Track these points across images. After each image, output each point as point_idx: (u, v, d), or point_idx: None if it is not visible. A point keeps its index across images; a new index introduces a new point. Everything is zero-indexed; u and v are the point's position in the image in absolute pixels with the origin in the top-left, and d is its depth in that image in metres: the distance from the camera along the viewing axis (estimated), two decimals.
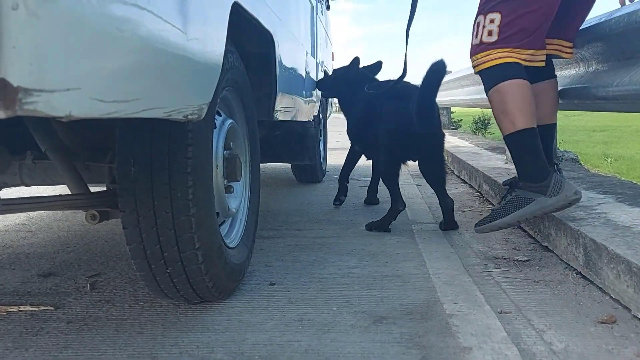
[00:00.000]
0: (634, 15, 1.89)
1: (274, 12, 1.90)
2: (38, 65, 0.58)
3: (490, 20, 1.90)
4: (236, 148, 1.71)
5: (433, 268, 1.83)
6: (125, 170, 1.26)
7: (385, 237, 2.28)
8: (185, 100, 1.06)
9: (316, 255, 2.02)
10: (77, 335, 1.34)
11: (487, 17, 1.91)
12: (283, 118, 2.32)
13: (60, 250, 2.14)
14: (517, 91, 1.89)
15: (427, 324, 1.38)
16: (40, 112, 0.60)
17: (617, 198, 2.21)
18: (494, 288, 1.64)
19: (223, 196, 1.56)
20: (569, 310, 1.45)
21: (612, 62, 2.14)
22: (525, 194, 1.89)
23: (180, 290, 1.41)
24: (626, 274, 1.42)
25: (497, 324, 1.37)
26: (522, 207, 1.88)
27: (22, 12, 0.55)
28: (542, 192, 1.85)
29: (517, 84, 1.89)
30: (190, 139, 1.26)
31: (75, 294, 1.64)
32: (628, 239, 1.59)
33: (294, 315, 1.45)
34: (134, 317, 1.45)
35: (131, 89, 0.81)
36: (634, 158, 7.01)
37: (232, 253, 1.59)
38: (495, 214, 1.97)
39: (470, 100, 4.59)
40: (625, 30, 1.95)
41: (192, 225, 1.29)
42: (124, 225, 1.30)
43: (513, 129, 1.89)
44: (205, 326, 1.38)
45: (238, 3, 1.38)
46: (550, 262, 1.88)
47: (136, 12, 0.77)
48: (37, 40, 0.58)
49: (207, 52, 1.14)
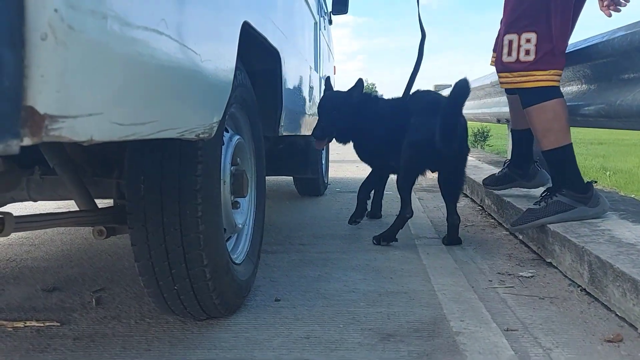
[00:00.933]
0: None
1: (280, 30, 1.92)
2: (64, 93, 0.59)
3: (526, 40, 2.02)
4: (243, 164, 1.72)
5: (438, 284, 1.84)
6: (135, 188, 1.27)
7: (389, 252, 2.28)
8: (198, 119, 1.07)
9: (321, 271, 2.02)
10: (84, 352, 1.34)
11: (522, 36, 2.04)
12: (288, 133, 2.33)
13: (64, 265, 2.14)
14: (560, 110, 2.07)
15: (434, 341, 1.38)
16: (65, 138, 0.61)
17: (620, 215, 2.22)
18: (499, 305, 1.64)
19: (230, 212, 1.56)
20: (575, 328, 1.45)
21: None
22: (569, 201, 2.08)
23: (187, 306, 1.41)
24: (632, 292, 1.42)
25: (504, 342, 1.37)
26: (566, 212, 2.07)
27: (51, 42, 0.56)
28: (584, 203, 2.09)
29: (560, 103, 2.08)
30: (200, 157, 1.27)
31: (81, 310, 1.63)
32: (633, 256, 1.60)
33: (300, 332, 1.45)
34: (141, 333, 1.45)
35: (148, 111, 0.82)
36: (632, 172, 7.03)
37: (238, 269, 1.60)
38: (536, 214, 2.12)
39: (471, 114, 4.61)
40: None
41: (200, 242, 1.30)
42: (132, 242, 1.30)
43: (557, 145, 2.07)
44: (212, 343, 1.38)
45: (248, 22, 1.39)
46: (554, 278, 1.89)
47: (155, 37, 0.79)
48: (63, 68, 0.59)
49: (218, 72, 1.15)
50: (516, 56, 2.06)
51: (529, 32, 2.03)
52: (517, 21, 2.06)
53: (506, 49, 2.09)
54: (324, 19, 3.97)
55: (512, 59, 2.08)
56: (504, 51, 2.10)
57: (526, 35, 2.03)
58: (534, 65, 2.04)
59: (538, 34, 2.02)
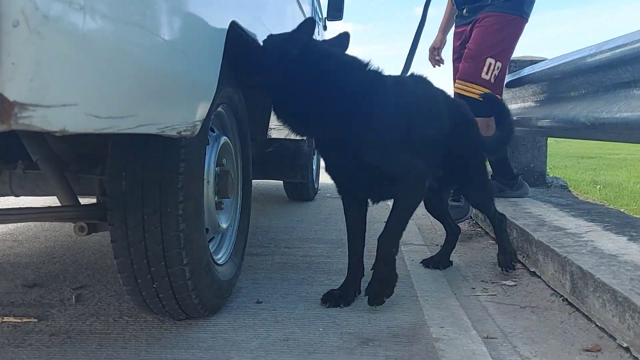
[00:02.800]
0: None
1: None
2: (37, 82, 0.59)
3: (497, 67, 2.63)
4: (228, 165, 1.71)
5: (421, 290, 1.84)
6: (116, 183, 1.26)
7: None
8: (179, 116, 1.06)
9: (304, 274, 2.01)
10: (59, 348, 1.32)
11: (496, 63, 2.63)
12: (277, 136, 2.33)
13: (46, 261, 2.12)
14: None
15: (413, 347, 1.37)
16: (35, 127, 0.60)
17: (605, 226, 2.24)
18: (480, 312, 1.65)
19: (213, 212, 1.56)
20: (554, 338, 1.45)
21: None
22: (499, 185, 2.89)
23: (166, 305, 1.40)
24: (611, 303, 1.43)
25: (483, 349, 1.37)
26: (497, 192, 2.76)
27: (24, 30, 0.56)
28: (510, 187, 2.95)
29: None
30: (182, 155, 1.26)
31: (60, 306, 1.62)
32: (614, 267, 1.60)
33: (279, 334, 1.44)
34: (118, 331, 1.43)
35: (126, 105, 0.82)
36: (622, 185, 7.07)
37: (220, 270, 1.59)
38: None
39: None
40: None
41: (180, 241, 1.29)
42: (112, 239, 1.30)
43: None
44: (189, 343, 1.37)
45: (236, 22, 1.39)
46: (537, 287, 1.89)
47: (136, 31, 0.78)
48: (37, 57, 0.58)
49: (203, 70, 1.15)
50: (489, 76, 2.65)
51: (500, 60, 2.66)
52: (494, 46, 2.65)
53: (485, 69, 2.63)
54: (318, 25, 3.98)
55: (487, 77, 2.64)
56: (484, 70, 2.64)
57: (498, 64, 2.66)
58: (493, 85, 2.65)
59: (502, 65, 2.68)
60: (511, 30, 2.67)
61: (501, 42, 2.66)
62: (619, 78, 1.99)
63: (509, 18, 2.64)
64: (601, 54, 2.08)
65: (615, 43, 2.01)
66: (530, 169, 3.53)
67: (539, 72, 2.76)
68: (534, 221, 2.36)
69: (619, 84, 2.01)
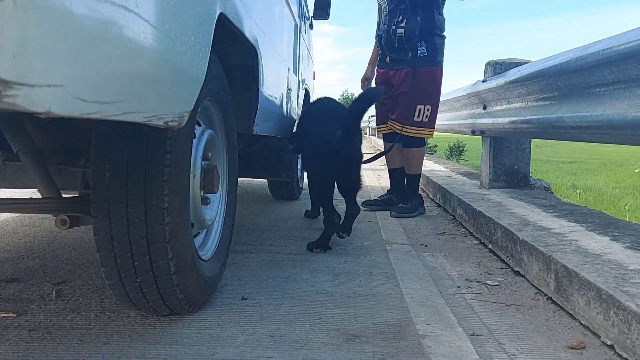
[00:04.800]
0: None
1: (258, 27, 1.90)
2: (22, 59, 0.56)
3: (427, 109, 3.29)
4: (214, 159, 1.69)
5: (407, 288, 1.83)
6: (99, 175, 1.23)
7: (360, 256, 2.27)
8: (167, 106, 1.04)
9: (290, 272, 2.00)
10: (39, 344, 1.29)
11: (425, 107, 3.28)
12: (262, 132, 2.31)
13: (25, 256, 2.07)
14: (424, 152, 3.56)
15: (399, 344, 1.37)
16: (19, 107, 0.58)
17: (588, 227, 2.26)
18: (466, 310, 1.65)
19: (199, 207, 1.54)
20: (539, 335, 1.46)
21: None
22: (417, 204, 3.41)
23: (150, 301, 1.37)
24: (596, 300, 1.44)
25: (469, 346, 1.37)
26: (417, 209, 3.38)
27: (9, 4, 0.53)
28: (421, 205, 3.44)
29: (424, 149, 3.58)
30: (168, 147, 1.24)
31: (39, 301, 1.58)
32: (598, 266, 1.62)
33: (265, 330, 1.42)
34: (100, 327, 1.40)
35: (114, 90, 0.79)
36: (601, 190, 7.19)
37: (205, 265, 1.57)
38: (408, 209, 3.35)
39: (447, 124, 4.66)
40: None
41: (165, 235, 1.27)
42: (95, 232, 1.27)
43: (419, 172, 3.48)
44: (173, 339, 1.34)
45: (224, 14, 1.38)
46: (521, 286, 1.90)
47: (124, 14, 0.76)
48: (22, 34, 0.56)
49: (191, 60, 1.13)
50: (421, 118, 3.28)
51: (428, 104, 3.29)
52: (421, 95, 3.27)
53: (417, 113, 3.27)
54: (305, 23, 3.96)
55: (419, 119, 3.29)
56: (416, 114, 3.28)
57: (427, 106, 3.28)
58: (427, 124, 3.31)
59: (432, 106, 3.30)
60: (432, 78, 3.30)
61: (426, 89, 3.27)
62: (604, 79, 2.01)
63: (428, 69, 3.26)
64: (587, 56, 2.10)
65: (600, 45, 2.03)
66: (514, 171, 3.56)
67: (525, 74, 2.79)
68: (518, 221, 2.38)
69: (604, 84, 2.03)
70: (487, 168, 3.58)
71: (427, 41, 3.19)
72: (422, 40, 3.18)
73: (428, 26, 3.18)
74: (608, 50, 1.89)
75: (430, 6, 3.19)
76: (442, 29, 3.28)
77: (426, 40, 3.19)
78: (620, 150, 14.34)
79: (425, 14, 3.17)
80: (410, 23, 3.18)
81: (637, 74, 1.81)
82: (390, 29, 3.27)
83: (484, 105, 3.63)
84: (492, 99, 3.44)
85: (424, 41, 3.18)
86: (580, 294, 1.53)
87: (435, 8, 3.21)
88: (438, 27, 3.24)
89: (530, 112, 2.74)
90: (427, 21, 3.18)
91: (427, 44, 3.19)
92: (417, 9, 3.17)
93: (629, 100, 1.82)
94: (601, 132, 1.95)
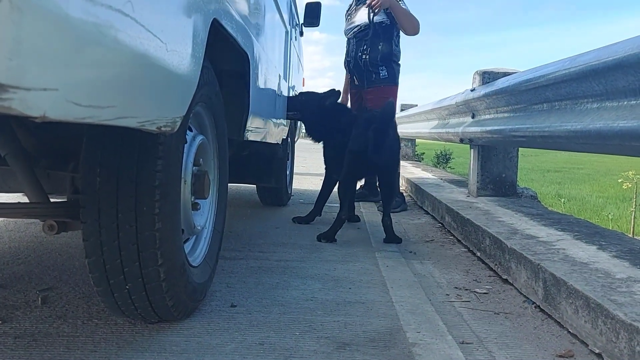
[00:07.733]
0: None
1: (250, 33, 1.90)
2: (17, 62, 0.56)
3: None
4: (205, 165, 1.68)
5: (396, 296, 1.83)
6: (89, 179, 1.22)
7: (349, 263, 2.27)
8: (160, 111, 1.04)
9: (279, 279, 1.99)
10: (24, 351, 1.27)
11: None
12: (253, 138, 2.30)
13: (10, 262, 2.04)
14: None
15: (390, 352, 1.37)
16: (15, 110, 0.57)
17: (575, 235, 2.28)
18: (455, 318, 1.65)
19: (189, 213, 1.52)
20: (528, 344, 1.47)
21: None
22: (403, 200, 3.97)
23: (139, 308, 1.35)
24: (584, 309, 1.45)
25: (459, 354, 1.37)
26: (403, 204, 3.92)
27: (5, 6, 0.53)
28: (404, 201, 3.97)
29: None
30: (160, 152, 1.23)
31: (25, 308, 1.55)
32: (586, 275, 1.63)
33: (255, 338, 1.41)
34: (87, 334, 1.38)
35: (108, 95, 0.79)
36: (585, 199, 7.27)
37: (195, 272, 1.55)
38: (397, 204, 3.75)
39: (435, 133, 4.69)
40: None
41: (156, 241, 1.25)
42: (84, 237, 1.25)
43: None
44: (162, 347, 1.33)
45: (218, 20, 1.37)
46: (510, 294, 1.91)
47: (121, 19, 0.76)
48: (18, 36, 0.55)
49: (185, 65, 1.13)
50: None
51: None
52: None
53: None
54: (295, 30, 3.98)
55: None
56: None
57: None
58: None
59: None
60: (393, 95, 3.93)
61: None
62: (591, 90, 2.04)
63: (389, 88, 3.92)
64: (574, 67, 2.13)
65: (589, 57, 2.06)
66: (501, 179, 3.58)
67: (513, 83, 2.82)
68: (506, 229, 2.40)
69: (592, 95, 2.06)
70: (475, 176, 3.61)
71: (387, 66, 3.95)
72: (383, 65, 3.94)
73: (387, 54, 3.94)
74: (596, 62, 1.92)
75: (389, 38, 3.94)
76: (399, 58, 4.03)
77: (386, 66, 3.95)
78: (605, 159, 14.54)
79: (384, 44, 3.92)
80: (373, 52, 3.91)
81: (624, 85, 1.83)
82: (357, 55, 3.97)
83: (473, 114, 3.66)
84: (480, 107, 3.47)
85: (384, 66, 3.94)
86: (569, 303, 1.54)
87: (392, 40, 3.96)
88: (395, 55, 3.98)
89: (519, 121, 2.77)
90: (387, 50, 3.95)
91: (387, 68, 3.95)
92: (379, 40, 3.90)
93: (617, 112, 1.84)
94: (589, 141, 1.97)
